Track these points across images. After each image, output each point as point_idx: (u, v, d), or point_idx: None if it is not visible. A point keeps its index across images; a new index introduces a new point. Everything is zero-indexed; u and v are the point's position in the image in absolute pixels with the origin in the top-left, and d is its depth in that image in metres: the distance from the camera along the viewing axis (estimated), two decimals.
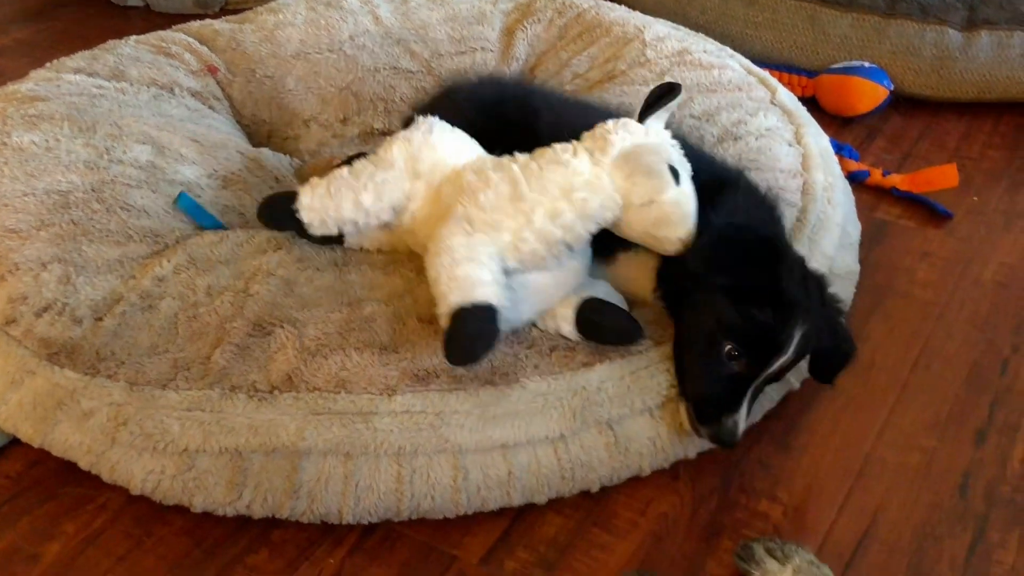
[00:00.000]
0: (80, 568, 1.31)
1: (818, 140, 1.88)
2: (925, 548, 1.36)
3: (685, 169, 1.42)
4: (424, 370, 1.37)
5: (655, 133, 1.45)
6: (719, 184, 1.47)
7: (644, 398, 1.41)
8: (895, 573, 1.32)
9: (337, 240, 1.55)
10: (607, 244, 1.46)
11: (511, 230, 1.38)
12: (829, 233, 1.70)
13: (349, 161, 1.56)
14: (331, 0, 2.15)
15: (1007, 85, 2.31)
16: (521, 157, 1.45)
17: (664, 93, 1.46)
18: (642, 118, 1.45)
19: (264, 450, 1.32)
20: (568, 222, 1.38)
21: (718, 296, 1.37)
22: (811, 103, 2.26)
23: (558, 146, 1.44)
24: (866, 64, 2.31)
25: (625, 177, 1.39)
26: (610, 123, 1.44)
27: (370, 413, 1.33)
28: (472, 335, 1.32)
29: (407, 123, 1.59)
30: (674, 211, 1.39)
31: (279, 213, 1.55)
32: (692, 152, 1.48)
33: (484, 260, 1.35)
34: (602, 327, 1.43)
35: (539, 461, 1.37)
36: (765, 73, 2.07)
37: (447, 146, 1.50)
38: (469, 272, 1.33)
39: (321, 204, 1.50)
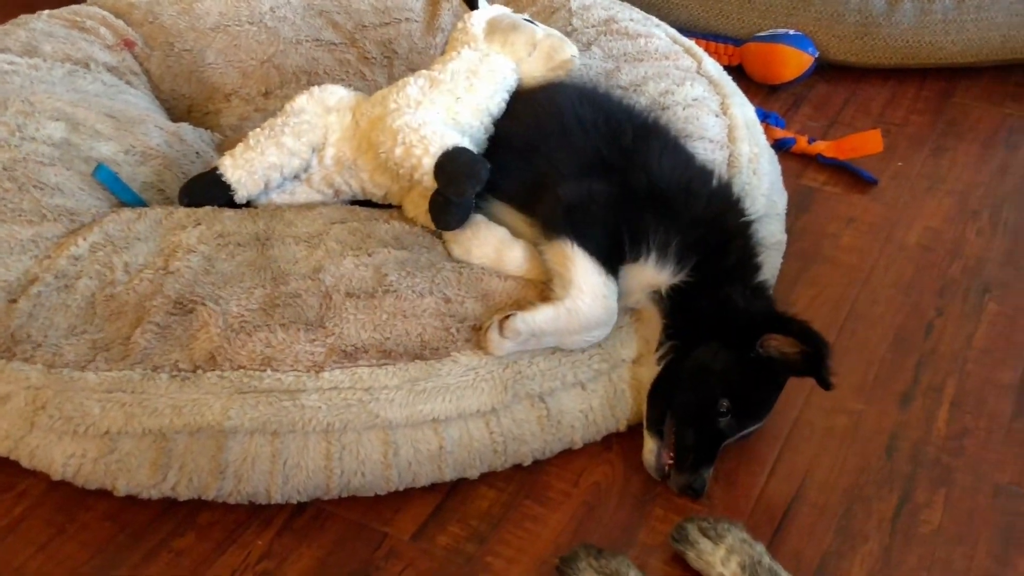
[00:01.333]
0: (0, 558, 1.28)
1: (743, 110, 1.88)
2: (853, 510, 1.37)
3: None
4: (352, 346, 1.35)
5: (489, 9, 1.71)
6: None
7: (576, 372, 1.41)
8: (824, 534, 1.34)
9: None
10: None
11: (445, 105, 1.53)
12: (755, 204, 1.69)
13: None
14: None
15: (930, 51, 2.33)
16: (415, 74, 1.61)
17: None
18: (472, 5, 1.70)
19: (188, 430, 1.30)
20: (489, 92, 1.57)
21: (728, 352, 1.38)
22: (737, 71, 2.27)
23: (437, 61, 1.65)
24: (791, 32, 2.32)
25: (502, 45, 1.64)
26: (459, 24, 1.68)
27: (297, 390, 1.31)
28: (467, 163, 1.42)
29: None
30: (555, 41, 1.67)
31: (200, 189, 1.55)
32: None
33: (441, 122, 1.50)
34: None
35: (471, 435, 1.36)
36: (691, 42, 2.07)
37: (345, 89, 1.65)
38: (435, 129, 1.47)
39: (244, 159, 1.54)
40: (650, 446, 1.39)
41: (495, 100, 1.58)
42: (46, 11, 1.98)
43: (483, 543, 1.32)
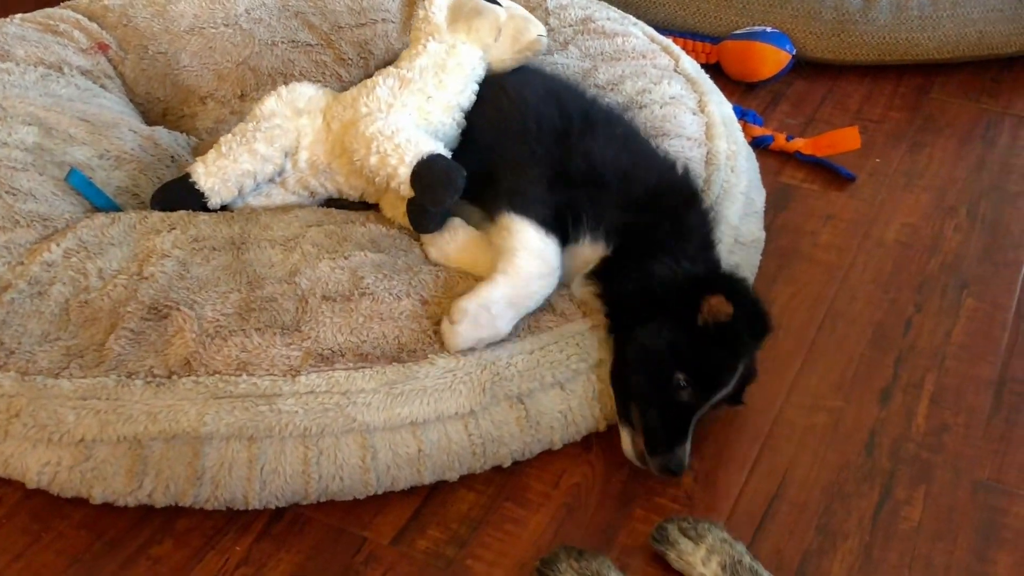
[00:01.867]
0: None
1: (721, 108, 1.88)
2: (833, 508, 1.37)
3: None
4: (329, 349, 1.34)
5: None
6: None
7: (554, 372, 1.40)
8: (804, 533, 1.34)
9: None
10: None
11: (416, 106, 1.51)
12: (733, 202, 1.70)
13: None
14: None
15: (906, 47, 2.34)
16: (383, 72, 1.59)
17: None
18: None
19: (164, 437, 1.29)
20: (459, 87, 1.55)
21: (671, 326, 1.36)
22: (715, 69, 2.27)
23: (403, 56, 1.62)
24: (768, 29, 2.32)
25: (467, 32, 1.60)
26: (420, 12, 1.63)
27: (273, 395, 1.30)
28: (443, 171, 1.41)
29: None
30: (519, 21, 1.62)
31: (173, 195, 1.54)
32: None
33: (413, 126, 1.48)
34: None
35: (449, 438, 1.35)
36: (668, 41, 2.06)
37: (312, 87, 1.63)
38: (409, 137, 1.45)
39: (217, 166, 1.53)
40: (625, 436, 1.39)
41: (465, 94, 1.57)
42: (19, 15, 1.96)
43: (463, 546, 1.31)
